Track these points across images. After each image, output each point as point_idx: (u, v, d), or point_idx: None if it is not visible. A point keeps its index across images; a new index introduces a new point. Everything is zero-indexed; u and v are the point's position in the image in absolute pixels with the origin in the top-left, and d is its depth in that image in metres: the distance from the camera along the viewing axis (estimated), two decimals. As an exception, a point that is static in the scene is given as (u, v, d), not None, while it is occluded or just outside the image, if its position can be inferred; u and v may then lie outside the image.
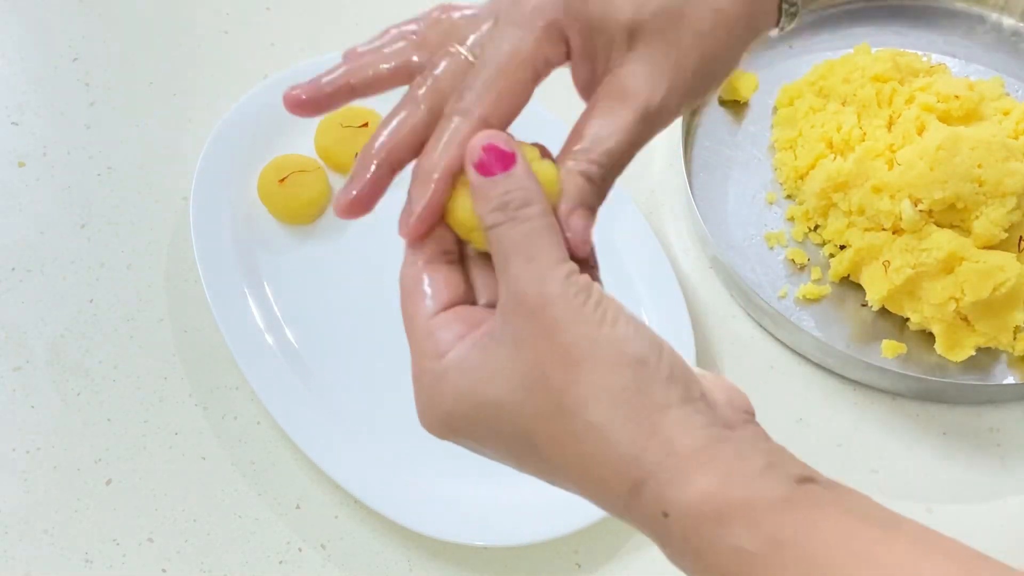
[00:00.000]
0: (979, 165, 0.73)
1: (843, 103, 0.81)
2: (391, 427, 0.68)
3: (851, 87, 0.81)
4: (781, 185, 0.82)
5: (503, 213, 0.41)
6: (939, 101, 0.78)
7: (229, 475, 0.69)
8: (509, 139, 0.42)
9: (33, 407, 0.70)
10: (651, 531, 0.39)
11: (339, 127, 0.77)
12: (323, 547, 0.67)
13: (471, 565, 0.67)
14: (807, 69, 0.85)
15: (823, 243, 0.79)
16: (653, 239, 0.77)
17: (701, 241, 0.79)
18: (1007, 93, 0.83)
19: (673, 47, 0.45)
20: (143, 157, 0.80)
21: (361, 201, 0.44)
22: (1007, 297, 0.72)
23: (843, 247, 0.78)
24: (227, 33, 0.87)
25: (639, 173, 0.82)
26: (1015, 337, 0.74)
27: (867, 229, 0.76)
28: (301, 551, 0.67)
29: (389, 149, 0.44)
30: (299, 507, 0.68)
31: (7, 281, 0.75)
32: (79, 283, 0.75)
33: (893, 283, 0.73)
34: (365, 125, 0.77)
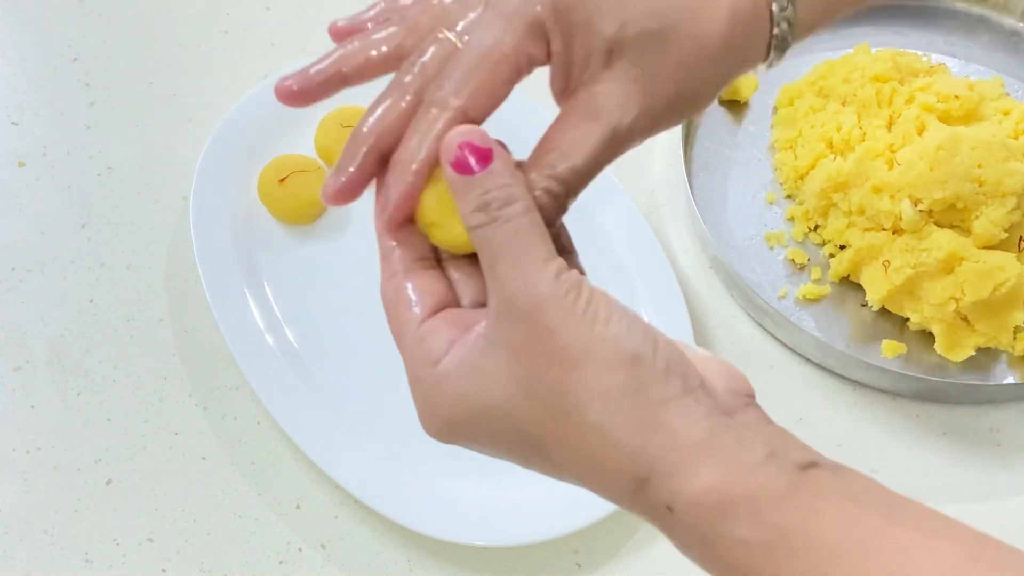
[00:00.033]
0: (979, 165, 0.73)
1: (843, 103, 0.81)
2: (391, 427, 0.68)
3: (851, 87, 0.81)
4: (781, 185, 0.82)
5: (485, 213, 0.40)
6: (939, 101, 0.78)
7: (229, 475, 0.69)
8: (484, 135, 0.42)
9: (33, 407, 0.70)
10: (658, 523, 0.39)
11: (339, 127, 0.77)
12: (323, 547, 0.67)
13: (471, 565, 0.67)
14: (807, 69, 0.85)
15: (823, 243, 0.80)
16: (653, 239, 0.77)
17: (701, 241, 0.79)
18: (1007, 93, 0.83)
19: (651, 72, 0.45)
20: (143, 157, 0.80)
21: (349, 188, 0.44)
22: (1007, 297, 0.72)
23: (843, 247, 0.78)
24: (227, 33, 0.87)
25: (639, 173, 0.82)
26: (1015, 337, 0.74)
27: (867, 229, 0.76)
28: (301, 551, 0.67)
29: (376, 136, 0.44)
30: (299, 507, 0.68)
31: (7, 281, 0.75)
32: (79, 283, 0.75)
33: (893, 283, 0.73)
34: (365, 125, 0.77)
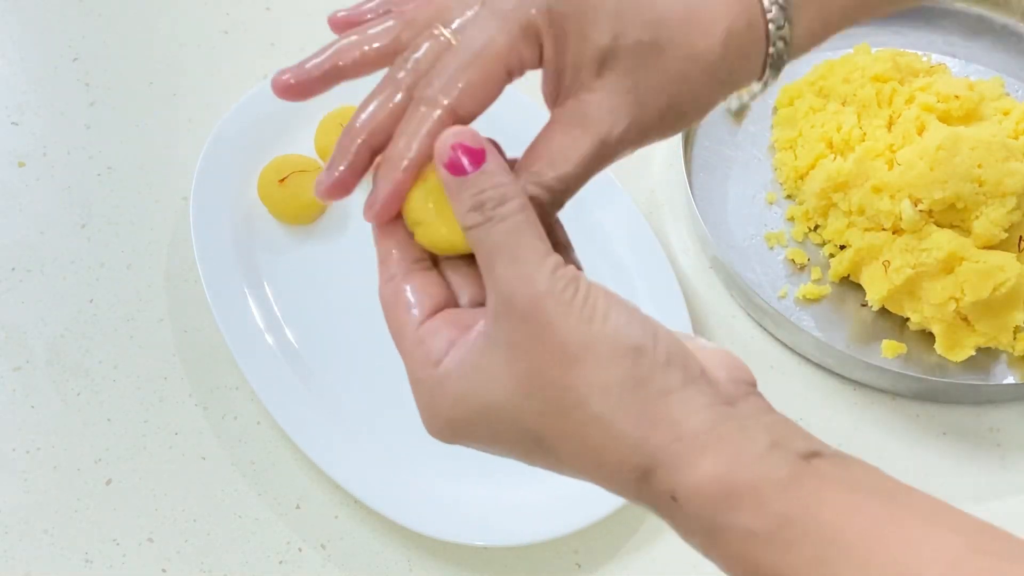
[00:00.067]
0: (979, 165, 0.73)
1: (843, 103, 0.81)
2: (391, 427, 0.68)
3: (851, 87, 0.81)
4: (781, 185, 0.82)
5: (480, 213, 0.40)
6: (939, 101, 0.78)
7: (229, 475, 0.69)
8: (476, 135, 0.42)
9: (33, 407, 0.70)
10: (663, 514, 0.40)
11: (339, 127, 0.76)
12: (323, 547, 0.67)
13: (471, 565, 0.67)
14: (807, 69, 0.85)
15: (823, 243, 0.80)
16: (653, 239, 0.77)
17: (701, 241, 0.79)
18: (1007, 93, 0.83)
19: (643, 84, 0.45)
20: (143, 157, 0.80)
21: (341, 183, 0.44)
22: (1007, 297, 0.72)
23: (843, 247, 0.78)
24: (227, 33, 0.87)
25: (639, 173, 0.82)
26: (1015, 337, 0.74)
27: (867, 229, 0.76)
28: (301, 551, 0.67)
29: (369, 132, 0.44)
30: (299, 507, 0.68)
31: (7, 281, 0.75)
32: (79, 283, 0.75)
33: (893, 283, 0.73)
34: (365, 125, 0.77)
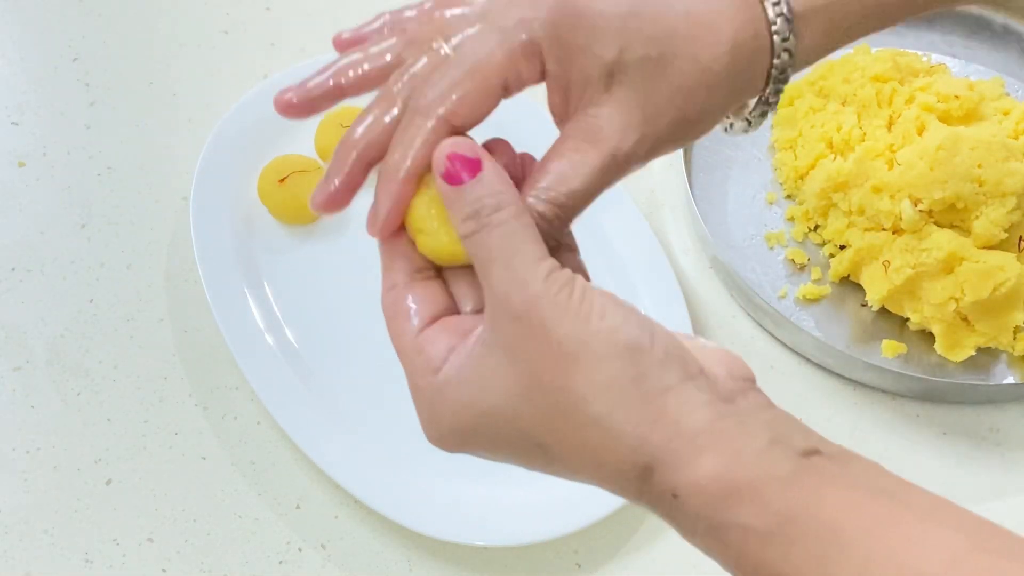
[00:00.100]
0: (979, 165, 0.73)
1: (843, 103, 0.81)
2: (391, 427, 0.68)
3: (851, 87, 0.81)
4: (781, 185, 0.82)
5: (476, 221, 0.40)
6: (939, 101, 0.78)
7: (229, 475, 0.69)
8: (473, 144, 0.42)
9: (33, 407, 0.70)
10: (663, 513, 0.40)
11: (339, 127, 0.77)
12: (323, 547, 0.67)
13: (471, 565, 0.67)
14: (807, 69, 0.85)
15: (823, 243, 0.80)
16: (653, 239, 0.77)
17: (701, 241, 0.79)
18: (1007, 93, 0.83)
19: (651, 97, 0.45)
20: (143, 157, 0.80)
21: (337, 197, 0.44)
22: (1007, 297, 0.72)
23: (843, 247, 0.78)
24: (227, 33, 0.87)
25: (639, 173, 0.81)
26: (1015, 337, 0.74)
27: (867, 229, 0.76)
28: (301, 551, 0.67)
29: (364, 146, 0.44)
30: (299, 507, 0.68)
31: (7, 281, 0.75)
32: (79, 283, 0.75)
33: (893, 283, 0.73)
34: (365, 125, 0.77)
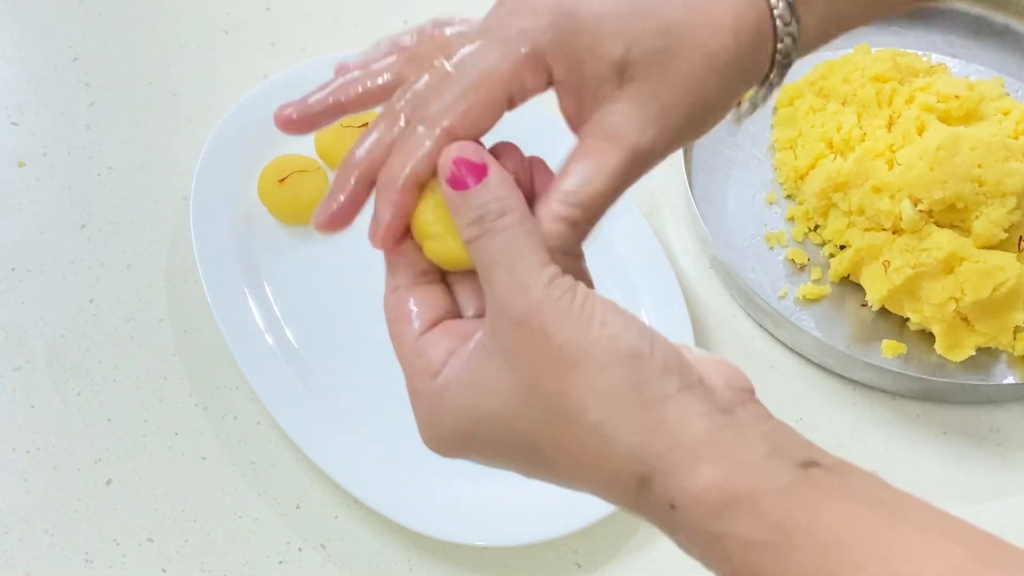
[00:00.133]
0: (979, 165, 0.73)
1: (843, 103, 0.81)
2: (391, 427, 0.68)
3: (851, 87, 0.81)
4: (781, 185, 0.82)
5: (479, 226, 0.40)
6: (939, 101, 0.78)
7: (229, 475, 0.69)
8: (479, 149, 0.42)
9: (33, 407, 0.70)
10: (661, 523, 0.39)
11: (339, 127, 0.76)
12: (323, 547, 0.67)
13: (471, 565, 0.67)
14: (807, 69, 0.85)
15: (823, 243, 0.80)
16: (653, 239, 0.77)
17: (701, 241, 0.79)
18: (1007, 93, 0.83)
19: (663, 89, 0.45)
20: (143, 157, 0.80)
21: (340, 215, 0.45)
22: (1007, 297, 0.72)
23: (843, 247, 0.78)
24: (227, 33, 0.87)
25: (639, 173, 0.82)
26: (1015, 337, 0.74)
27: (867, 229, 0.76)
28: (301, 551, 0.67)
29: (367, 164, 0.44)
30: (299, 507, 0.68)
31: (7, 281, 0.75)
32: (79, 283, 0.75)
33: (893, 283, 0.73)
34: (364, 126, 0.77)
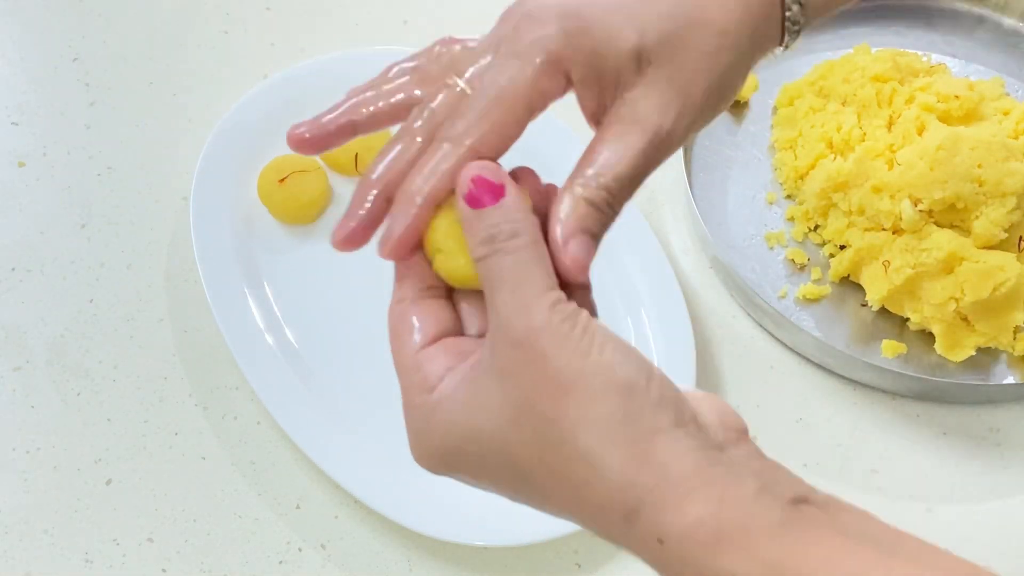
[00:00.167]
0: (979, 165, 0.73)
1: (843, 103, 0.81)
2: (391, 427, 0.67)
3: (851, 87, 0.81)
4: (781, 185, 0.82)
5: (490, 245, 0.40)
6: (939, 101, 0.78)
7: (229, 475, 0.69)
8: (498, 170, 0.42)
9: (33, 407, 0.70)
10: (648, 557, 0.39)
11: (339, 127, 0.77)
12: (323, 547, 0.67)
13: (471, 565, 0.67)
14: (807, 69, 0.85)
15: (823, 243, 0.80)
16: (653, 239, 0.77)
17: (701, 241, 0.79)
18: (1007, 93, 0.83)
19: (680, 71, 0.45)
20: (143, 157, 0.80)
21: (358, 232, 0.44)
22: (1007, 297, 0.72)
23: (843, 247, 0.78)
24: (227, 33, 0.87)
25: (639, 173, 0.82)
26: (1015, 337, 0.74)
27: (867, 229, 0.76)
28: (301, 551, 0.67)
29: (386, 183, 0.44)
30: (299, 507, 0.68)
31: (7, 281, 0.75)
32: (79, 283, 0.75)
33: (893, 283, 0.73)
34: (365, 125, 0.77)
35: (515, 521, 0.66)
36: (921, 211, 0.73)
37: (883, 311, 0.76)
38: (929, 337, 0.75)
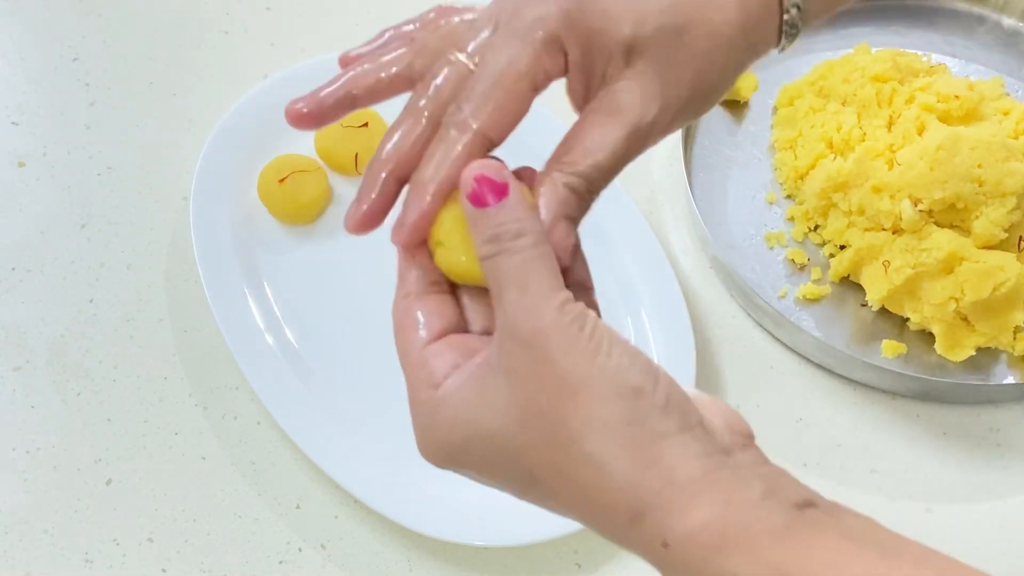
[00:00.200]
0: (979, 165, 0.73)
1: (843, 103, 0.81)
2: (391, 427, 0.68)
3: (851, 87, 0.81)
4: (781, 185, 0.82)
5: (495, 245, 0.40)
6: (939, 101, 0.78)
7: (229, 475, 0.69)
8: (502, 168, 0.42)
9: (33, 407, 0.70)
10: (652, 560, 0.39)
11: (339, 127, 0.77)
12: (323, 547, 0.67)
13: (471, 565, 0.67)
14: (807, 69, 0.85)
15: (823, 243, 0.80)
16: (653, 239, 0.77)
17: (701, 241, 0.79)
18: (1007, 93, 0.83)
19: (670, 66, 0.45)
20: (143, 157, 0.80)
21: (371, 215, 0.45)
22: (1007, 297, 0.72)
23: (843, 247, 0.78)
24: (227, 33, 0.87)
25: (639, 174, 0.82)
26: (1015, 337, 0.74)
27: (867, 229, 0.76)
28: (301, 551, 0.67)
29: (395, 163, 0.44)
30: (299, 507, 0.68)
31: (7, 281, 0.75)
32: (79, 283, 0.75)
33: (893, 283, 0.73)
34: (365, 125, 0.77)
35: (515, 521, 0.66)
36: (921, 211, 0.73)
37: (883, 311, 0.76)
38: (929, 337, 0.75)
